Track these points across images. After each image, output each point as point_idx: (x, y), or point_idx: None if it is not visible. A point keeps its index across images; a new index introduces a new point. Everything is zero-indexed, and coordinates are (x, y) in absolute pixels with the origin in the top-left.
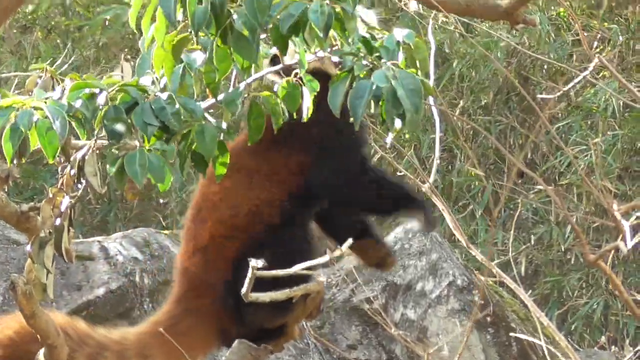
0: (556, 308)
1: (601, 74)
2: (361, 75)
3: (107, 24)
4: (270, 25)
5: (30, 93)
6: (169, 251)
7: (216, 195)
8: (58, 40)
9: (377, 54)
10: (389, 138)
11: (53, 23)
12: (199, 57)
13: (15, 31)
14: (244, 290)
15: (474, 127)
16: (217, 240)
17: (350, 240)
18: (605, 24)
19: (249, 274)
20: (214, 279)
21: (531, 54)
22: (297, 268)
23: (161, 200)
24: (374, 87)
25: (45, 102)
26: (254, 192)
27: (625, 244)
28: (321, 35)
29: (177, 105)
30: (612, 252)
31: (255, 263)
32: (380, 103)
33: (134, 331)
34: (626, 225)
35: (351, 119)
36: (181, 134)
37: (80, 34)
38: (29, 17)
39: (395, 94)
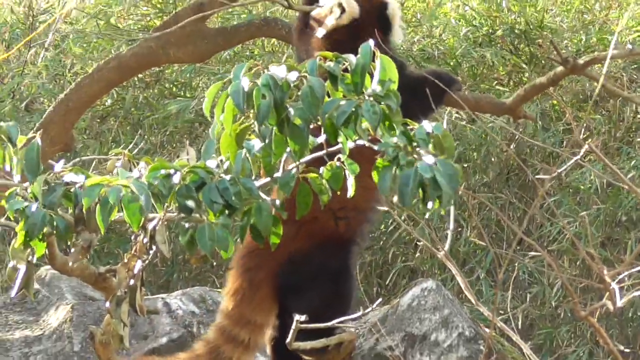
0: (549, 356)
1: (587, 157)
2: (404, 164)
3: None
4: (326, 118)
5: (110, 173)
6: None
7: None
8: (128, 128)
9: (416, 144)
10: (428, 212)
11: (125, 114)
12: (257, 144)
13: (98, 120)
14: (288, 339)
15: (480, 201)
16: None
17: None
18: (591, 115)
19: (293, 326)
20: (286, 254)
21: (528, 140)
22: (334, 322)
23: (214, 263)
24: (418, 175)
25: (128, 181)
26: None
27: (614, 304)
28: (371, 129)
29: (239, 186)
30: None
31: (299, 317)
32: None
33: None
34: (615, 287)
35: None
36: (242, 210)
37: (149, 122)
38: (108, 108)
39: (435, 180)
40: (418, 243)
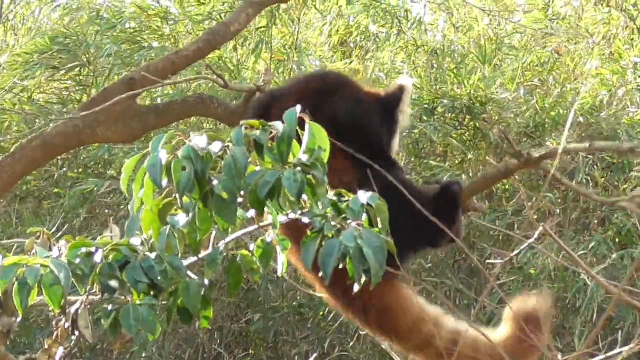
0: None
1: (540, 240)
2: (329, 235)
3: (84, 197)
4: (249, 190)
5: (29, 253)
6: None
7: None
8: (47, 208)
9: (344, 215)
10: (355, 288)
11: (45, 193)
12: (182, 219)
13: (17, 203)
14: None
15: (423, 287)
16: None
17: None
18: (543, 195)
19: None
20: None
21: (477, 221)
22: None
23: (136, 348)
24: (342, 245)
25: (47, 260)
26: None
27: None
28: (293, 199)
29: (165, 265)
30: None
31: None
32: (347, 259)
33: None
34: None
35: None
36: (168, 290)
37: (65, 202)
38: (23, 188)
39: (361, 252)
40: (360, 332)
